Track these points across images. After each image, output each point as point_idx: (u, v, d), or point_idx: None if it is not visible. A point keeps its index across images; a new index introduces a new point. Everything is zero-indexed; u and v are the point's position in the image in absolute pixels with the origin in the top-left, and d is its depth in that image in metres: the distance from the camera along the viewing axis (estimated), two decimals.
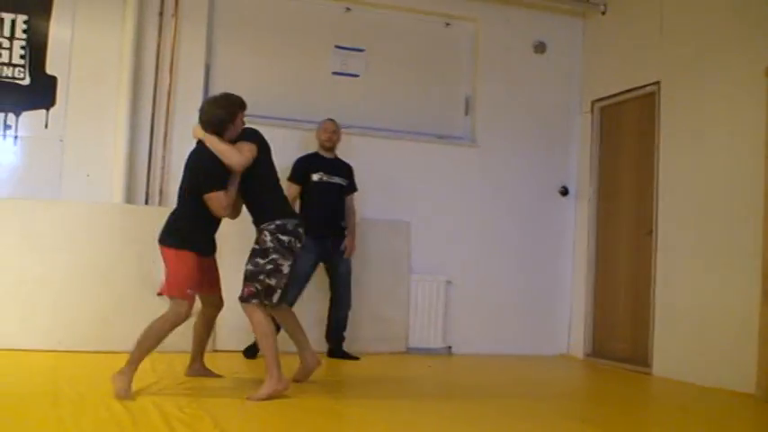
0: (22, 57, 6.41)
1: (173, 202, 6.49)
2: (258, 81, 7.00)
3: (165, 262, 4.72)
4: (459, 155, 7.48)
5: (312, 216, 6.30)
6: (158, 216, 6.38)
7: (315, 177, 6.56)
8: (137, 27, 6.57)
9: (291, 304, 6.13)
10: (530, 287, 7.57)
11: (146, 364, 5.02)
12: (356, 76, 7.28)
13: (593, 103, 7.69)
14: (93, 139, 6.48)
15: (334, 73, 7.23)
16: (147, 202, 6.60)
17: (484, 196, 7.49)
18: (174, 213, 4.88)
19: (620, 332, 7.21)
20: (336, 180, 6.62)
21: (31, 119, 6.39)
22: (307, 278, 6.39)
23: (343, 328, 6.65)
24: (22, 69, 6.41)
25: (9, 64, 6.39)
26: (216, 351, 6.42)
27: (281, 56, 7.11)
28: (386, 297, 7.06)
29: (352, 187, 6.72)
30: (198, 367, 5.13)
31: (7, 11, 6.40)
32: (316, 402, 4.67)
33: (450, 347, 7.24)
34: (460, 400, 5.14)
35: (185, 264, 4.63)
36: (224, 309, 5.13)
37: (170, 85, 6.69)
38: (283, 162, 6.80)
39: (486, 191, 7.49)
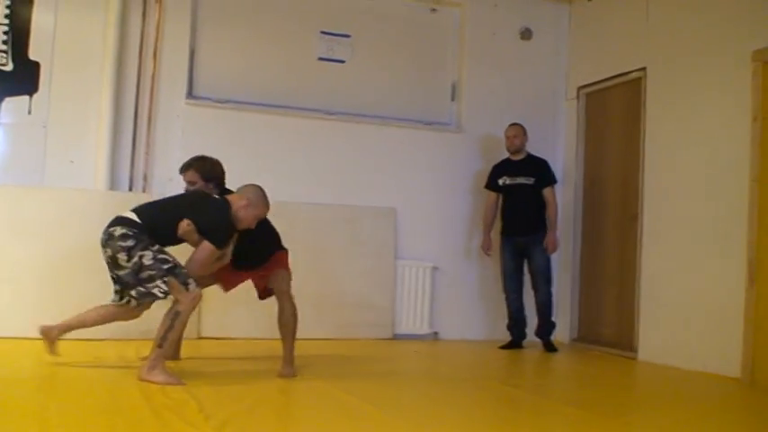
0: (4, 42, 6.34)
1: (156, 188, 6.59)
2: (243, 66, 6.98)
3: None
4: (446, 141, 7.47)
5: (504, 217, 7.08)
6: (141, 202, 6.40)
7: (500, 182, 7.03)
8: (120, 12, 6.50)
9: (516, 305, 6.96)
10: None
11: (130, 350, 5.02)
12: (342, 61, 7.24)
13: (579, 89, 7.68)
14: (77, 126, 6.43)
15: (320, 59, 7.18)
16: (130, 189, 6.55)
17: (470, 182, 7.47)
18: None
19: (606, 317, 7.24)
20: (520, 180, 6.95)
21: (13, 105, 6.31)
22: (510, 275, 6.99)
23: (546, 321, 6.93)
24: (4, 55, 6.34)
25: None
26: (200, 338, 6.43)
27: (266, 41, 7.06)
28: (372, 283, 7.05)
29: (544, 182, 6.95)
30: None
31: None
32: (304, 386, 4.69)
33: (436, 333, 7.24)
34: (445, 385, 5.16)
35: None
36: (209, 296, 5.16)
37: (154, 70, 6.63)
38: (278, 151, 6.98)
39: (473, 177, 7.47)
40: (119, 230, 4.49)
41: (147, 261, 4.45)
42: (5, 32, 6.35)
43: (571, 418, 4.27)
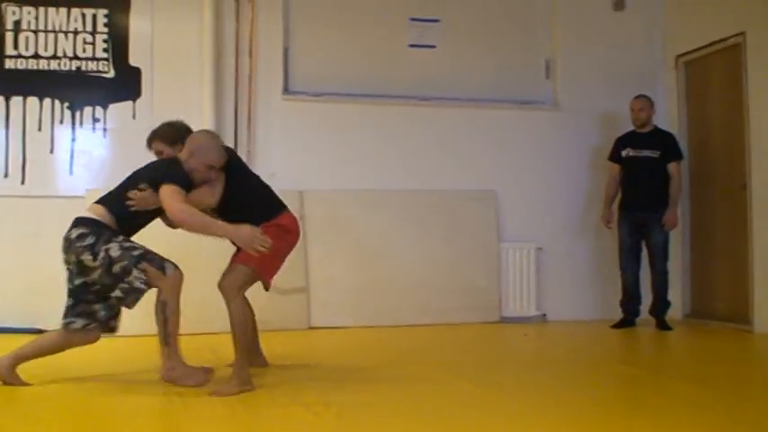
0: (105, 50, 6.57)
1: None
2: (336, 59, 7.06)
3: None
4: (543, 119, 7.38)
5: (624, 191, 6.88)
6: None
7: (623, 153, 6.84)
8: (214, 14, 6.67)
9: (632, 280, 6.74)
10: None
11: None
12: (433, 47, 7.22)
13: (677, 58, 7.46)
14: None
15: (411, 45, 7.18)
16: None
17: (570, 160, 7.36)
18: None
19: (719, 291, 7.03)
20: (646, 153, 6.74)
21: (118, 111, 6.56)
22: (627, 250, 6.80)
23: (661, 299, 6.74)
24: (105, 63, 6.57)
25: (93, 58, 6.55)
26: (311, 328, 6.53)
27: (356, 32, 7.12)
28: (476, 267, 7.03)
29: (670, 156, 6.73)
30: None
31: (87, 6, 6.56)
32: (418, 373, 4.69)
33: (544, 315, 7.17)
34: (561, 367, 5.11)
35: None
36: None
37: (250, 68, 6.77)
38: (374, 140, 7.04)
39: (572, 154, 7.37)
40: (74, 232, 4.10)
41: (115, 252, 4.03)
42: (105, 40, 6.58)
43: (692, 395, 4.17)
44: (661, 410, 3.83)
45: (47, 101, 6.49)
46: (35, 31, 6.50)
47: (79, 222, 4.14)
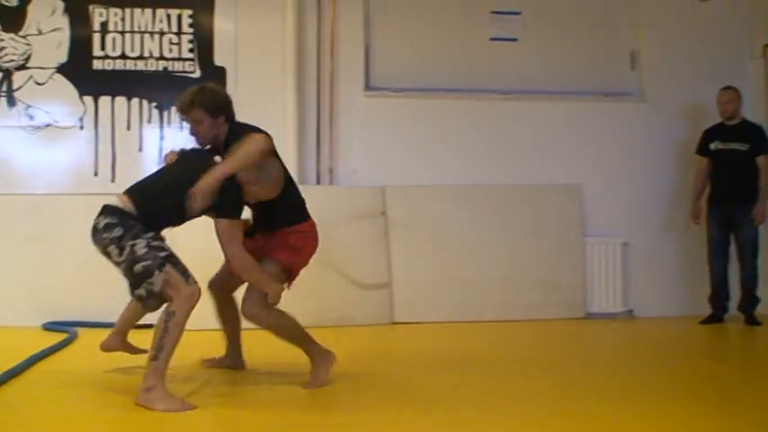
0: (190, 51, 6.70)
1: (343, 180, 6.80)
2: (417, 55, 7.05)
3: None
4: (629, 111, 7.23)
5: (713, 185, 6.72)
6: (330, 194, 6.64)
7: (711, 147, 6.71)
8: (297, 13, 6.74)
9: (720, 276, 6.60)
10: None
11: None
12: (514, 40, 7.15)
13: (765, 46, 7.24)
14: (264, 125, 6.60)
15: (492, 39, 7.13)
16: (318, 182, 6.79)
17: (656, 153, 7.21)
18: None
19: None
20: (734, 146, 6.62)
21: None
22: (716, 245, 6.67)
23: (750, 295, 6.60)
24: (191, 63, 6.70)
25: (179, 59, 6.69)
26: (393, 323, 6.56)
27: (437, 27, 7.08)
28: (560, 262, 6.94)
29: (759, 149, 6.58)
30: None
31: (172, 7, 6.70)
32: (501, 368, 4.68)
33: (631, 311, 7.04)
34: (650, 363, 5.02)
35: None
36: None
37: (332, 66, 6.83)
38: (456, 135, 7.01)
39: (658, 147, 7.21)
40: (101, 221, 3.74)
41: (140, 250, 3.66)
42: (191, 41, 6.71)
43: None
44: (750, 406, 3.75)
45: (135, 101, 6.66)
46: (122, 32, 6.66)
47: (106, 211, 3.78)
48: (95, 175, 6.61)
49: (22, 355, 4.63)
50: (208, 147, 4.17)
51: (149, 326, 3.86)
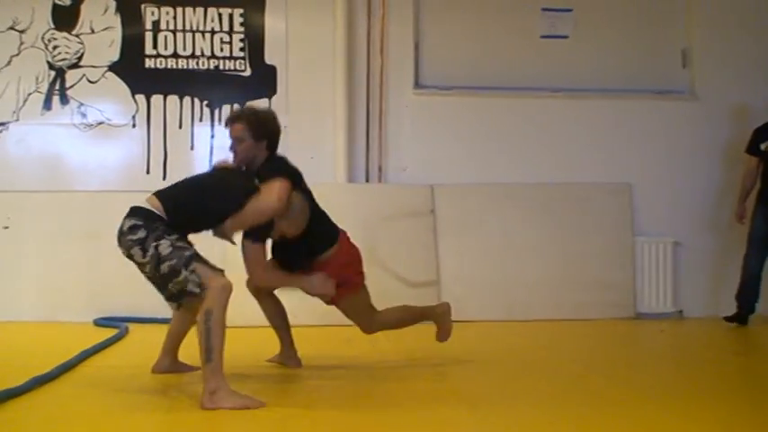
0: (241, 49, 6.75)
1: (392, 178, 6.82)
2: (466, 53, 7.04)
3: None
4: (680, 109, 7.15)
5: (762, 184, 6.54)
6: (379, 192, 6.67)
7: (762, 147, 6.56)
8: (347, 12, 6.78)
9: (755, 272, 6.41)
10: None
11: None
12: (565, 37, 7.11)
13: None
14: (315, 123, 6.77)
15: (543, 36, 7.09)
16: (367, 180, 6.82)
17: (708, 151, 7.13)
18: None
19: None
20: None
21: None
22: (756, 241, 6.47)
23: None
24: (242, 61, 6.75)
25: (230, 57, 6.74)
26: None
27: (487, 25, 7.07)
28: (610, 262, 6.90)
29: None
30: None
31: (224, 6, 6.75)
32: (553, 367, 4.67)
33: (681, 311, 6.98)
34: (698, 364, 4.98)
35: None
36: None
37: (382, 65, 6.85)
38: (505, 133, 6.99)
39: (711, 146, 7.13)
40: (126, 223, 3.75)
41: (165, 250, 3.64)
42: (242, 40, 6.75)
43: None
44: None
45: (186, 99, 6.72)
46: (173, 31, 6.73)
47: (131, 213, 3.79)
48: (147, 172, 6.69)
49: (73, 350, 4.70)
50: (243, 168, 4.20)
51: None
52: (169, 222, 3.75)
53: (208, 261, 3.74)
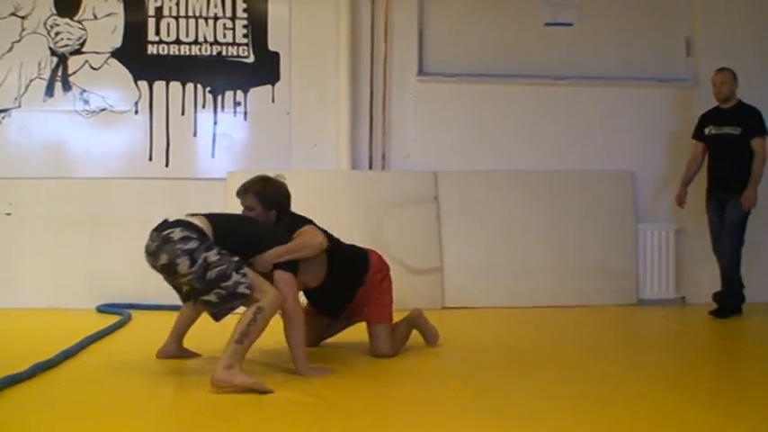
0: (244, 36, 6.72)
1: (395, 165, 6.82)
2: (470, 40, 7.01)
3: None
4: (683, 98, 7.14)
5: (708, 171, 6.48)
6: (382, 179, 6.67)
7: (706, 131, 6.50)
8: None
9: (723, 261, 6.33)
10: None
11: None
12: (569, 25, 7.09)
13: None
14: (318, 110, 6.76)
15: (547, 24, 7.07)
16: (370, 167, 6.81)
17: None
18: None
19: None
20: (726, 130, 6.36)
21: (258, 94, 6.72)
22: (718, 235, 6.40)
23: (727, 283, 6.36)
24: (245, 48, 6.72)
25: (233, 43, 6.72)
26: (444, 308, 6.54)
27: (491, 12, 7.04)
28: (612, 248, 6.91)
29: (752, 132, 6.27)
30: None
31: None
32: (555, 353, 4.68)
33: (683, 298, 7.00)
34: (702, 350, 5.00)
35: None
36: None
37: (385, 52, 6.83)
38: (508, 120, 6.98)
39: None
40: (177, 233, 3.75)
41: (213, 257, 3.71)
42: (245, 26, 6.72)
43: None
44: None
45: (189, 85, 6.69)
46: (176, 17, 6.70)
47: (183, 224, 3.82)
48: (150, 159, 6.67)
49: (76, 336, 4.72)
50: None
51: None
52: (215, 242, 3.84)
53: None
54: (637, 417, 3.28)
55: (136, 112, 6.67)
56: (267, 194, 4.29)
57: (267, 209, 4.28)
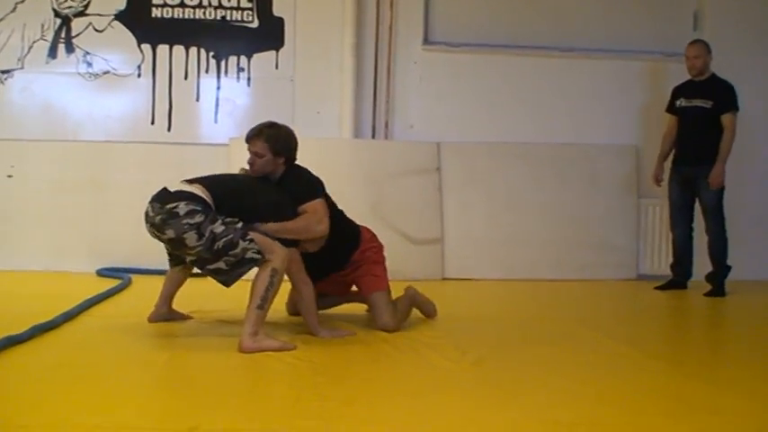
0: (249, 0, 6.66)
1: (398, 135, 6.79)
2: (477, 9, 6.96)
3: None
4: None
5: (676, 144, 6.38)
6: (385, 149, 6.64)
7: (677, 104, 6.39)
8: None
9: (681, 241, 6.32)
10: None
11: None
12: None
13: None
14: (321, 77, 6.72)
15: None
16: (373, 136, 6.78)
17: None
18: None
19: None
20: (697, 103, 6.22)
21: (262, 60, 6.68)
22: (677, 209, 6.34)
23: (715, 264, 6.25)
24: (250, 13, 6.67)
25: (237, 8, 6.66)
26: (444, 279, 6.55)
27: None
28: (613, 223, 6.91)
29: (723, 107, 6.12)
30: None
31: None
32: (552, 326, 4.70)
33: None
34: (698, 323, 5.02)
35: None
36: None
37: (391, 20, 6.77)
38: (513, 91, 6.93)
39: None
40: (183, 207, 3.74)
41: (218, 228, 3.73)
42: None
43: None
44: None
45: (192, 50, 6.65)
46: None
47: (187, 197, 3.80)
48: (152, 123, 6.65)
49: (76, 299, 4.73)
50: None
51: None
52: (217, 210, 3.86)
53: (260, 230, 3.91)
54: (633, 389, 3.30)
55: (139, 75, 6.64)
56: (279, 141, 4.20)
57: (277, 156, 4.20)
